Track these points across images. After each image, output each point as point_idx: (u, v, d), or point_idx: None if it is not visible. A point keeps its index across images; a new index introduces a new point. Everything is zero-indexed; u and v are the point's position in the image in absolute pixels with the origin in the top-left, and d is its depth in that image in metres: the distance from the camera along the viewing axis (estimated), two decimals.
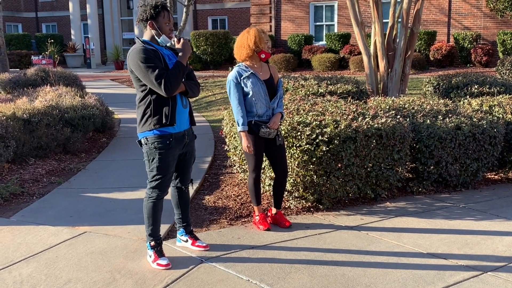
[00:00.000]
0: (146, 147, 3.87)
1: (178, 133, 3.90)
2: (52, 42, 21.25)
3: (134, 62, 3.73)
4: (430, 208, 5.36)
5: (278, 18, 22.26)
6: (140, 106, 3.85)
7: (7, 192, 5.70)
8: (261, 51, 4.57)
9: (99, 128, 9.02)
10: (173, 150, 3.87)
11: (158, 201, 3.94)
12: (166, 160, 3.85)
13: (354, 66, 18.42)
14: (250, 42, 4.57)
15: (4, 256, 4.18)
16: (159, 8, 3.81)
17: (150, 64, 3.68)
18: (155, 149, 3.82)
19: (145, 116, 3.82)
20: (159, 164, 3.84)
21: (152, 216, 3.95)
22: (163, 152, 3.82)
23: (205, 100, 13.59)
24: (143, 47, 3.75)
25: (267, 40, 4.64)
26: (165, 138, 3.82)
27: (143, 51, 3.72)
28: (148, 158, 3.88)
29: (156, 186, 3.90)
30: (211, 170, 6.89)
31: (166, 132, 3.82)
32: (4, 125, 6.75)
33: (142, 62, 3.69)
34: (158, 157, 3.83)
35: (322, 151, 5.01)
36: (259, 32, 4.60)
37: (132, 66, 3.76)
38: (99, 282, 3.72)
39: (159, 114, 3.78)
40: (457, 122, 5.95)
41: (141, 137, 3.90)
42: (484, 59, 17.75)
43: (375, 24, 9.62)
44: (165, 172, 3.88)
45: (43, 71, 12.28)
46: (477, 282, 3.73)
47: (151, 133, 3.82)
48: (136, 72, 3.74)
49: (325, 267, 3.96)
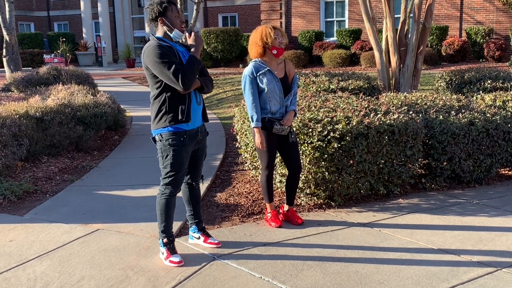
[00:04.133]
0: (160, 143, 3.88)
1: (192, 130, 3.90)
2: (64, 41, 21.46)
3: (150, 58, 3.73)
4: (443, 205, 5.32)
5: (288, 15, 22.20)
6: (155, 103, 3.86)
7: (21, 190, 5.75)
8: (272, 47, 4.54)
9: (111, 126, 9.06)
10: (187, 147, 3.88)
11: (171, 198, 3.96)
12: (180, 157, 3.86)
13: (365, 62, 18.32)
14: (257, 39, 4.57)
15: (18, 254, 4.21)
16: (166, 3, 3.81)
17: (166, 60, 3.68)
18: (169, 146, 3.83)
19: (160, 113, 3.83)
20: (173, 160, 3.85)
21: (165, 213, 3.97)
22: (177, 149, 3.83)
23: (216, 98, 13.60)
24: (158, 43, 3.75)
25: (279, 36, 4.55)
26: (179, 135, 3.83)
27: (159, 47, 3.72)
28: (162, 154, 3.89)
29: (169, 183, 3.91)
30: (223, 167, 6.89)
31: (180, 129, 3.83)
32: (17, 124, 6.81)
33: (158, 58, 3.68)
34: (172, 153, 3.84)
35: (333, 147, 4.98)
36: (267, 28, 4.56)
37: (148, 63, 3.76)
38: (112, 279, 3.74)
39: (174, 111, 3.79)
40: (470, 117, 5.89)
41: (155, 134, 3.91)
42: (497, 54, 17.57)
43: (387, 19, 9.55)
44: (179, 169, 3.89)
45: (55, 70, 12.35)
46: (492, 279, 3.69)
47: (166, 129, 3.82)
48: (152, 68, 3.74)
49: (338, 264, 3.94)
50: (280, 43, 4.57)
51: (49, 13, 35.33)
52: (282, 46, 4.59)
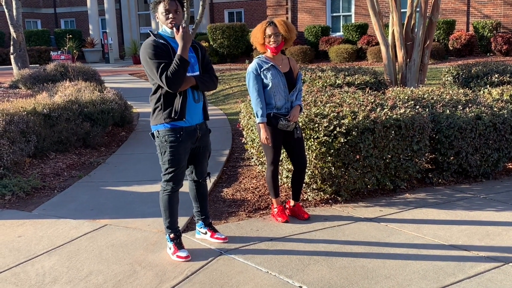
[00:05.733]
0: (158, 140, 3.91)
1: (189, 127, 3.90)
2: (71, 38, 21.53)
3: (142, 57, 3.79)
4: (450, 199, 5.31)
5: (295, 10, 22.14)
6: (152, 99, 3.90)
7: (29, 186, 5.79)
8: (266, 45, 4.54)
9: (118, 122, 9.09)
10: (184, 144, 3.88)
11: (173, 194, 3.98)
12: (177, 153, 3.87)
13: (372, 57, 18.26)
14: (254, 36, 4.61)
15: (27, 249, 4.25)
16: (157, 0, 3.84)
17: (155, 60, 3.70)
18: (166, 142, 3.86)
19: (156, 110, 3.86)
20: (171, 157, 3.87)
21: (168, 209, 3.99)
22: (174, 145, 3.85)
23: (222, 93, 13.61)
24: (152, 42, 3.77)
25: (274, 34, 4.45)
26: (175, 131, 3.84)
27: (151, 46, 3.74)
28: (160, 151, 3.92)
29: (169, 179, 3.94)
30: (229, 163, 6.91)
31: (177, 126, 3.84)
32: (25, 120, 6.85)
33: (150, 58, 3.72)
34: (169, 150, 3.86)
35: (340, 142, 4.98)
36: (262, 26, 4.54)
37: (142, 61, 3.83)
38: (120, 274, 3.77)
39: (169, 108, 3.81)
40: (477, 112, 5.87)
41: (153, 130, 3.95)
42: (505, 48, 17.45)
43: (393, 14, 9.51)
44: (177, 165, 3.90)
45: (62, 67, 12.41)
46: (499, 273, 3.69)
47: (163, 126, 3.85)
48: (145, 67, 3.81)
49: (344, 258, 3.95)
50: (273, 42, 4.49)
51: (56, 10, 35.44)
52: (273, 45, 4.51)
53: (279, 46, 4.53)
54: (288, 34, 4.53)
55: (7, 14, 15.10)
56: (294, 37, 4.58)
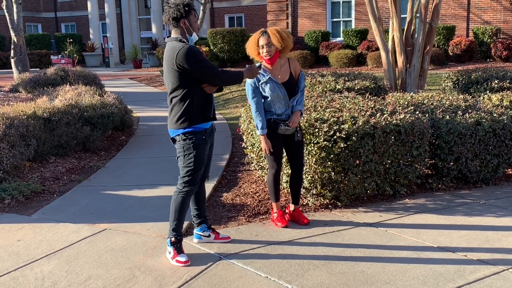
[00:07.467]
0: (183, 143, 3.95)
1: (209, 128, 4.08)
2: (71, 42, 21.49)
3: (192, 60, 3.80)
4: (450, 205, 5.31)
5: (295, 15, 22.19)
6: (179, 104, 3.91)
7: (28, 190, 5.79)
8: (261, 56, 4.56)
9: (118, 127, 9.10)
10: (207, 145, 4.05)
11: (187, 196, 4.03)
12: (203, 154, 3.99)
13: (372, 62, 18.28)
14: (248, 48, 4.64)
15: (26, 253, 4.24)
16: (190, 7, 3.94)
17: (207, 60, 3.88)
18: (193, 144, 3.92)
19: (186, 113, 3.89)
20: (196, 158, 3.95)
21: (179, 211, 4.02)
22: (200, 147, 3.95)
23: (222, 98, 13.62)
24: (193, 46, 3.87)
25: (266, 44, 4.45)
26: (201, 133, 3.96)
27: (200, 52, 3.87)
28: (184, 153, 3.96)
29: (188, 181, 3.99)
30: (229, 167, 6.91)
31: (201, 128, 3.96)
32: (25, 124, 6.85)
33: (203, 59, 3.85)
34: (195, 152, 3.93)
35: (340, 147, 4.99)
36: (255, 38, 4.55)
37: (187, 64, 3.79)
38: (119, 278, 3.76)
39: (202, 110, 3.94)
40: (477, 117, 5.87)
41: (175, 134, 3.97)
42: (505, 54, 17.48)
43: (393, 19, 9.53)
44: (200, 167, 4.00)
45: (62, 71, 12.42)
46: (498, 279, 3.68)
47: (191, 129, 3.92)
48: (194, 68, 3.81)
49: (344, 263, 3.94)
50: (267, 53, 4.48)
51: (57, 14, 35.50)
52: (267, 57, 4.50)
53: (273, 57, 4.51)
54: (282, 44, 4.48)
55: (7, 18, 15.14)
56: (290, 45, 4.53)
